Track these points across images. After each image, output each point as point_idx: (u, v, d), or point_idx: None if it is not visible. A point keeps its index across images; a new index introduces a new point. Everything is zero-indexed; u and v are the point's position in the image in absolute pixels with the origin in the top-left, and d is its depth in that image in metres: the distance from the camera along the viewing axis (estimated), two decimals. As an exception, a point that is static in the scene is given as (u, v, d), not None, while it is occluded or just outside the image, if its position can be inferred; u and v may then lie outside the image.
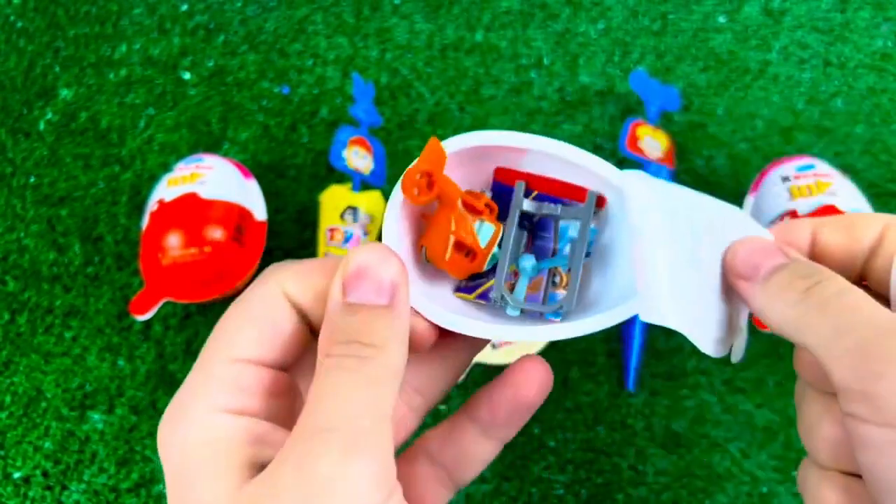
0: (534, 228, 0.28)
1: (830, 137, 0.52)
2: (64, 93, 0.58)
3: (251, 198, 0.48)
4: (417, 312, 0.24)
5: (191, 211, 0.46)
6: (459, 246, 0.26)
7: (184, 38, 0.59)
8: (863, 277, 0.25)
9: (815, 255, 0.25)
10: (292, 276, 0.22)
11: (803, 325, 0.22)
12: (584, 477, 0.43)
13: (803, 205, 0.43)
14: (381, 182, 0.50)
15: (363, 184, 0.50)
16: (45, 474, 0.45)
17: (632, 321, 0.45)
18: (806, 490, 0.24)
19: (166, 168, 0.54)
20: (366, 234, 0.48)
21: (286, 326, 0.22)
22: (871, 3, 0.57)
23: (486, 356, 0.44)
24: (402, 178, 0.25)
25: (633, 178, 0.26)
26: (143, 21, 0.60)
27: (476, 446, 0.26)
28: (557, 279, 0.27)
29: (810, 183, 0.44)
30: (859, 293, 0.21)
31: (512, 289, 0.27)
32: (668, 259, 0.25)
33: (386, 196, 0.51)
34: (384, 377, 0.20)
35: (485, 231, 0.27)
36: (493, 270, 0.27)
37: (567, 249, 0.27)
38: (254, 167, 0.53)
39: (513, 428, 0.27)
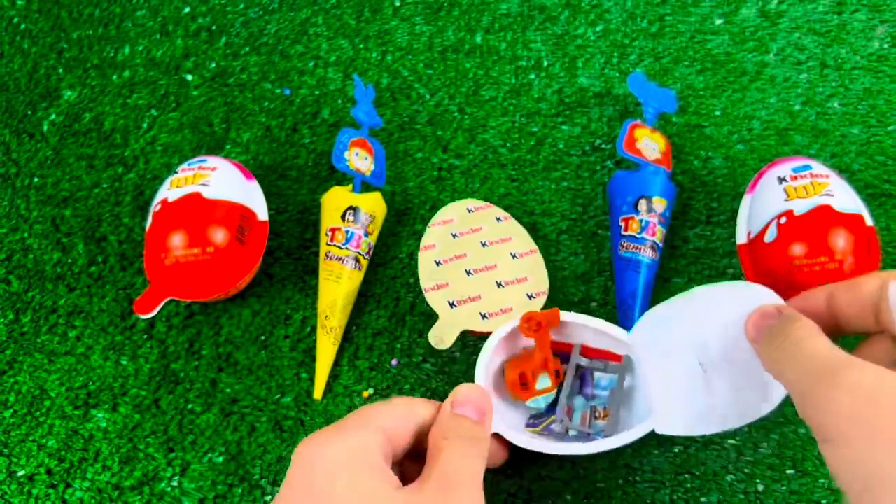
0: (579, 381, 0.43)
1: (827, 139, 0.52)
2: (67, 94, 0.58)
3: (253, 198, 0.49)
4: (499, 438, 0.39)
5: (194, 211, 0.46)
6: (522, 376, 0.41)
7: (186, 40, 0.60)
8: (882, 327, 0.31)
9: (834, 315, 0.32)
10: (389, 416, 0.33)
11: (780, 369, 0.30)
12: (581, 475, 0.44)
13: (800, 205, 0.43)
14: (382, 183, 0.51)
15: (364, 185, 0.50)
16: (49, 472, 0.46)
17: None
18: None
19: (169, 169, 0.54)
20: (367, 234, 0.48)
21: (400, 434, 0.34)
22: (868, 5, 0.57)
23: (475, 325, 0.44)
24: (522, 316, 0.41)
25: (639, 333, 0.40)
26: (146, 23, 0.61)
27: None
28: (598, 413, 0.42)
29: (806, 184, 0.44)
30: (815, 339, 0.30)
31: (569, 419, 0.42)
32: (674, 386, 0.38)
33: (386, 197, 0.52)
34: (482, 454, 0.33)
35: (543, 381, 0.42)
36: (550, 411, 0.42)
37: (602, 394, 0.43)
38: (256, 168, 0.54)
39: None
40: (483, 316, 0.45)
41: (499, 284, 0.46)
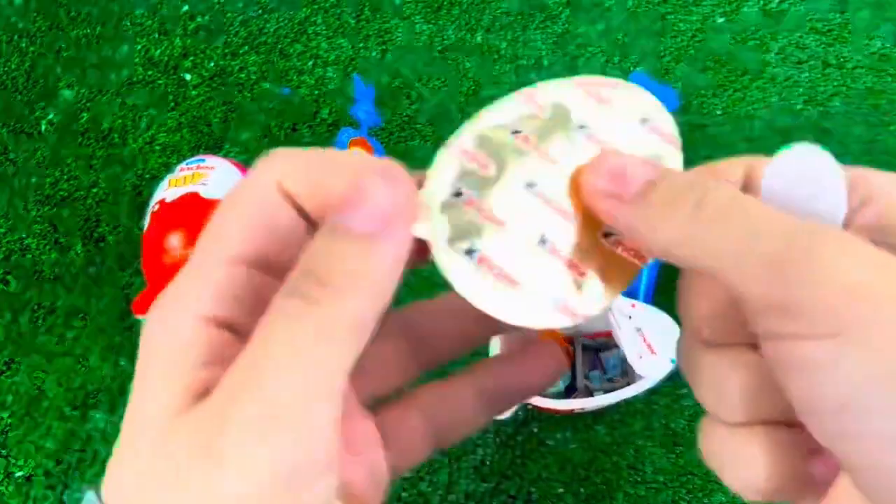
0: (590, 363, 0.47)
1: (829, 138, 0.52)
2: (66, 93, 0.58)
3: (252, 198, 0.49)
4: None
5: (192, 211, 0.46)
6: None
7: (185, 39, 0.60)
8: None
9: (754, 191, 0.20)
10: (291, 169, 0.18)
11: (701, 243, 0.17)
12: (583, 476, 0.43)
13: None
14: (382, 182, 0.51)
15: (363, 184, 0.50)
16: (46, 473, 0.45)
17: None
18: (724, 454, 0.19)
19: (168, 168, 0.54)
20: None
21: (283, 224, 0.18)
22: (871, 4, 0.57)
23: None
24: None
25: None
26: (145, 22, 0.60)
27: (472, 413, 0.25)
28: (616, 381, 0.45)
29: (808, 183, 0.44)
30: (750, 198, 0.17)
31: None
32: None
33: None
34: (335, 331, 0.15)
35: None
36: (568, 392, 0.45)
37: (614, 370, 0.46)
38: (255, 168, 0.54)
39: (513, 404, 0.25)
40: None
41: None
